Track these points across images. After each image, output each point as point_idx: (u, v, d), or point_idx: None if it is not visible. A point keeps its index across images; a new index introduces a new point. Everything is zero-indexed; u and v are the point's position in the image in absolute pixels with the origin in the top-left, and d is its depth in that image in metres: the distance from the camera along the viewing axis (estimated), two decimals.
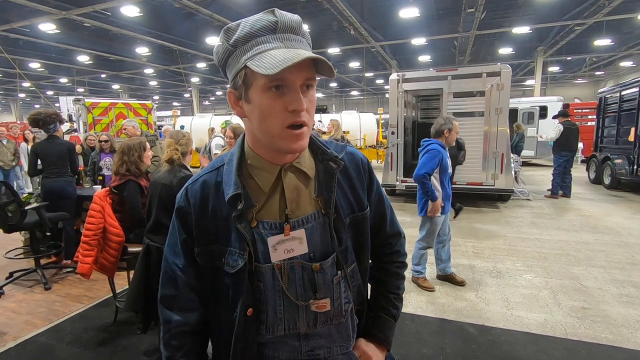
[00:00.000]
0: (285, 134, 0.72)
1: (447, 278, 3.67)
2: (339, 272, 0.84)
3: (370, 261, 0.97)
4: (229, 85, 0.78)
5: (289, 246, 0.79)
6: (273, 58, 0.66)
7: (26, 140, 8.41)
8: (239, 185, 0.77)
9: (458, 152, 5.55)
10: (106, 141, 4.75)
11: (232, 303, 0.79)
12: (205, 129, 10.67)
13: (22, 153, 8.00)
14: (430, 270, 3.83)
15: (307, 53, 0.68)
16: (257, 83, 0.70)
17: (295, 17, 0.73)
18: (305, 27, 0.76)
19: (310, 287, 0.81)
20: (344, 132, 7.97)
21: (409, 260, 3.52)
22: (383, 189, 1.01)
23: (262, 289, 0.79)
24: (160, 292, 0.86)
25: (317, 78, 0.75)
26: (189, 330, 0.84)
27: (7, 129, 8.94)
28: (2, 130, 7.69)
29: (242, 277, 0.77)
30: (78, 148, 4.89)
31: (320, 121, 11.77)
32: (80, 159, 4.84)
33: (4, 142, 7.62)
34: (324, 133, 8.71)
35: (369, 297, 1.00)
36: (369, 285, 1.01)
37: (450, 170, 3.43)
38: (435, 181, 3.34)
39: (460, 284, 3.59)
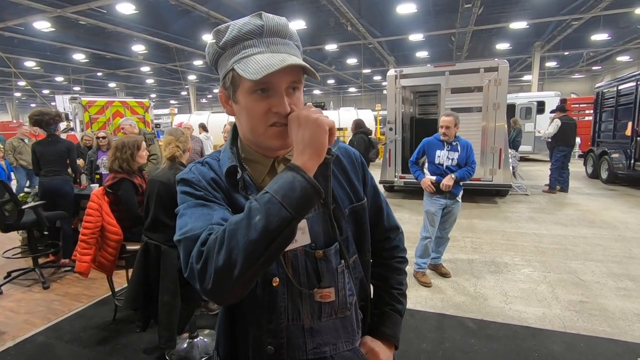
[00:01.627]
0: (269, 132, 0.74)
1: (434, 268, 3.81)
2: (342, 262, 0.85)
3: (370, 260, 0.96)
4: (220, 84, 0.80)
5: None
6: (257, 63, 0.68)
7: None
8: (233, 160, 0.79)
9: (367, 150, 5.97)
10: (104, 137, 4.73)
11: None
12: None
13: None
14: None
15: (290, 59, 0.70)
16: (244, 85, 0.73)
17: (282, 21, 0.75)
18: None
19: (315, 276, 0.81)
20: (341, 128, 7.98)
21: (412, 255, 3.55)
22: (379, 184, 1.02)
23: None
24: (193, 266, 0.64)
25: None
26: None
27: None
28: (25, 129, 7.53)
29: None
30: (83, 178, 4.77)
31: None
32: (84, 177, 4.70)
33: (26, 140, 7.39)
34: None
35: (372, 295, 0.99)
36: (372, 286, 1.00)
37: (441, 162, 3.50)
38: (426, 170, 3.65)
39: (445, 275, 3.71)
